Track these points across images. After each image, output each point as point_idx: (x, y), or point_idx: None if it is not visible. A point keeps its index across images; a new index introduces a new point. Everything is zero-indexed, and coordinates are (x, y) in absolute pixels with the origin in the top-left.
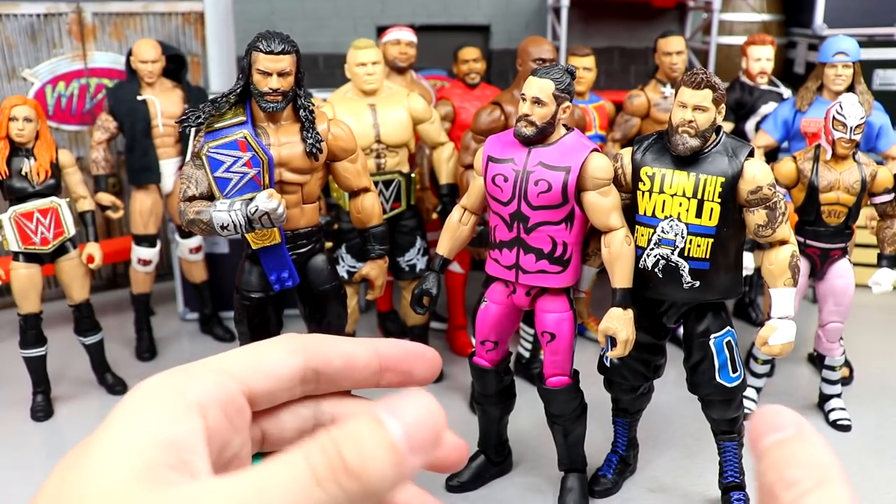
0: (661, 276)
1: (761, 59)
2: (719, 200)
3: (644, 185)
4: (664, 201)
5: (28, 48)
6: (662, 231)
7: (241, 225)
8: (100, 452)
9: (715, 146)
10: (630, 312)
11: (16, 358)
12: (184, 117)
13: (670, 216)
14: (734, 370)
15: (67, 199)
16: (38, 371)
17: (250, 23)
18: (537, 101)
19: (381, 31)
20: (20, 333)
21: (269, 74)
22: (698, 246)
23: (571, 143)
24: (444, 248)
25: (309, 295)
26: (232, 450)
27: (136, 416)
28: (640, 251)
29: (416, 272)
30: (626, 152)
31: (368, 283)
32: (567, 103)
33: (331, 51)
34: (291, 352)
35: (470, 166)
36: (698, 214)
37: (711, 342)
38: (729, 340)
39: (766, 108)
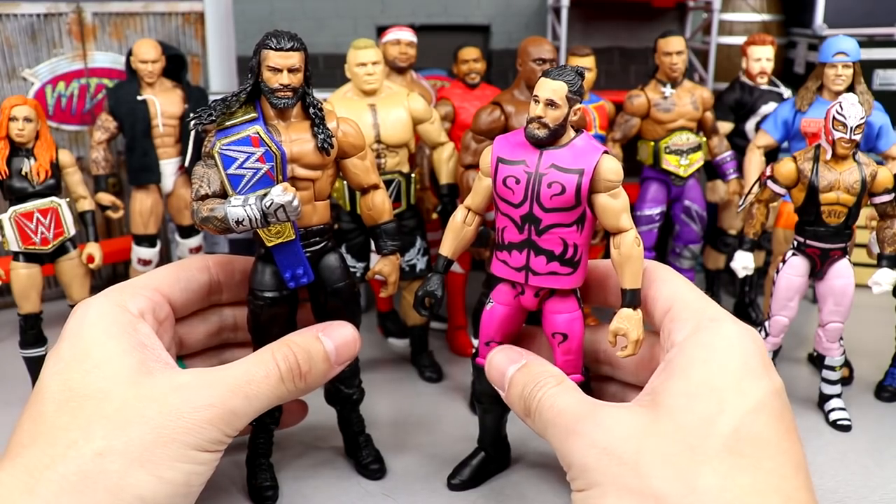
0: None
1: (761, 59)
2: None
3: None
4: None
5: (28, 48)
6: None
7: (256, 219)
8: (95, 356)
9: None
10: (640, 313)
11: (16, 358)
12: (196, 115)
13: None
14: None
15: (67, 199)
16: (38, 371)
17: (250, 23)
18: (551, 103)
19: (381, 31)
20: (20, 333)
21: (280, 70)
22: None
23: (583, 145)
24: (447, 248)
25: (322, 294)
26: (165, 348)
27: (102, 328)
28: None
29: (417, 272)
30: None
31: (370, 284)
32: (578, 105)
33: (331, 51)
34: (201, 269)
35: (470, 166)
36: None
37: None
38: None
39: (766, 108)
